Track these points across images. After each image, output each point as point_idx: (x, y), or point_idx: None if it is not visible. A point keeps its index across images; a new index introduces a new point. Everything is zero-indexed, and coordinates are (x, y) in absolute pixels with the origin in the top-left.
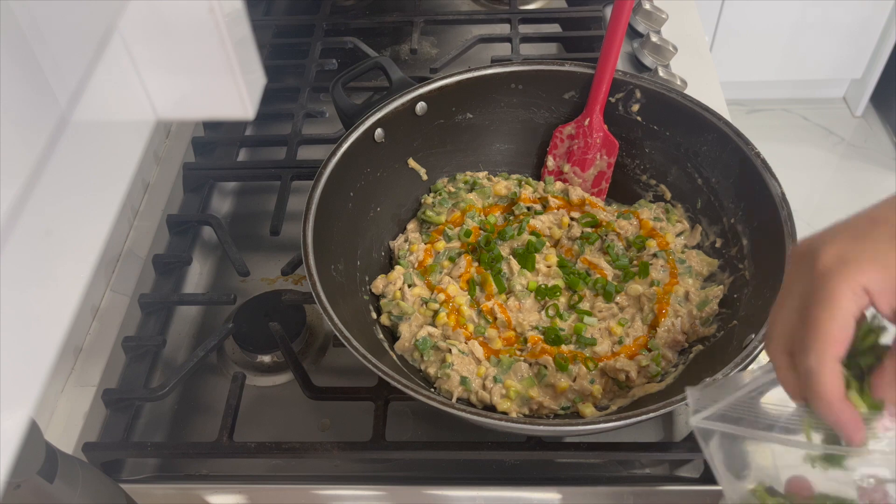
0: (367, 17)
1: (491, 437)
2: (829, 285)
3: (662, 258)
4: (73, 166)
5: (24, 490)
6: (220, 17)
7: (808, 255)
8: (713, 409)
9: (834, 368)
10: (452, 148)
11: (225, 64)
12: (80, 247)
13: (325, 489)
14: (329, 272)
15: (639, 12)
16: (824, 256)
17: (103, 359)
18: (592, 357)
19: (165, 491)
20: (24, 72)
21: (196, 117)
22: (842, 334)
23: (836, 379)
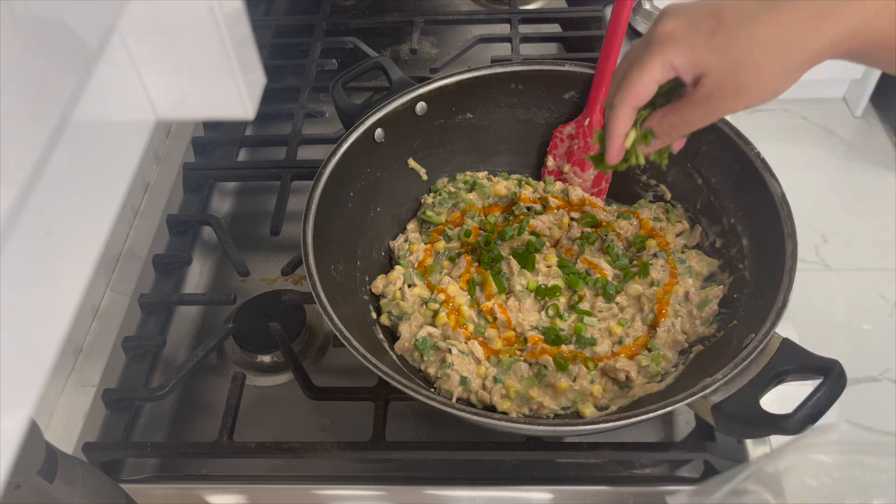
0: (367, 17)
1: (491, 437)
2: (647, 54)
3: (662, 258)
4: (73, 166)
5: (24, 490)
6: (220, 17)
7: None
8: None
9: (626, 112)
10: (452, 148)
11: (225, 64)
12: (80, 247)
13: (325, 489)
14: (329, 272)
15: (639, 12)
16: (661, 29)
17: (103, 359)
18: (592, 357)
19: (165, 491)
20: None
21: (196, 117)
22: (643, 91)
23: (625, 119)
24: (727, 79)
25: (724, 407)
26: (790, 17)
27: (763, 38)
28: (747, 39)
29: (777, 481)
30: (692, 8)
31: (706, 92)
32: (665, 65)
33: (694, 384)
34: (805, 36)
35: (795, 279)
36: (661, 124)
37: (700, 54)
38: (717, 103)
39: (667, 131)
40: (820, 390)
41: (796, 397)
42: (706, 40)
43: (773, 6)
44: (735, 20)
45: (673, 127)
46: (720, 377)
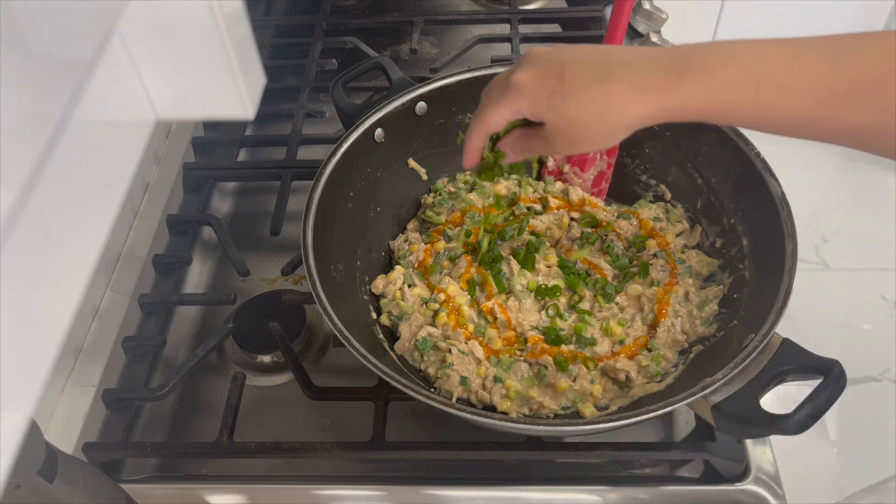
0: (367, 17)
1: (491, 437)
2: (502, 97)
3: (662, 258)
4: (73, 166)
5: (24, 490)
6: (220, 17)
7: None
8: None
9: (479, 135)
10: (452, 148)
11: (225, 64)
12: (80, 247)
13: (325, 489)
14: (329, 272)
15: (639, 12)
16: (516, 78)
17: (103, 359)
18: (592, 357)
19: (165, 491)
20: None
21: (196, 117)
22: (493, 124)
23: (476, 140)
24: (561, 132)
25: (724, 407)
26: (616, 91)
27: (591, 106)
28: (578, 106)
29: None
30: (546, 63)
31: (546, 136)
32: (513, 109)
33: (694, 384)
34: (626, 108)
35: (795, 279)
36: (513, 146)
37: (541, 109)
38: (555, 144)
39: (517, 151)
40: (820, 390)
41: (796, 397)
42: (547, 99)
43: (603, 77)
44: (573, 85)
45: (521, 151)
46: (720, 377)
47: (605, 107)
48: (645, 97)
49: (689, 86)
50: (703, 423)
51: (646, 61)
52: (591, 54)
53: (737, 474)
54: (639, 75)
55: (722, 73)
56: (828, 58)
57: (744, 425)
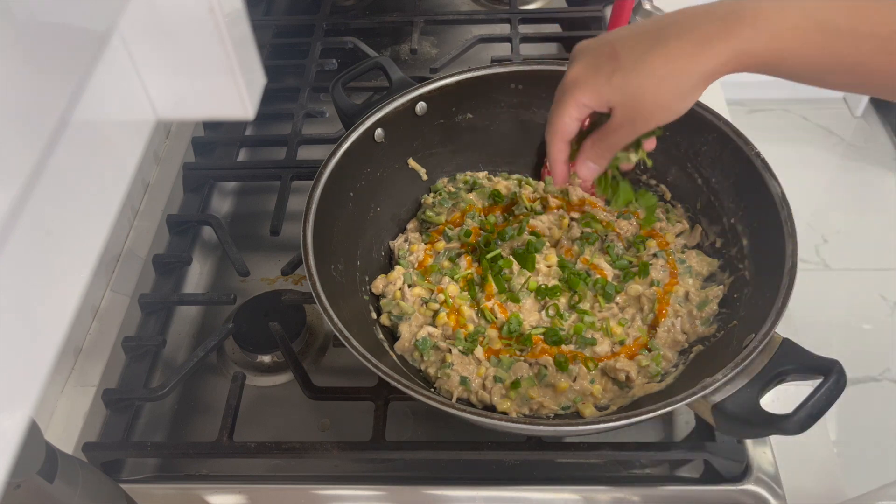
0: (367, 17)
1: (491, 437)
2: (562, 97)
3: (662, 258)
4: (73, 166)
5: (24, 490)
6: (220, 17)
7: (569, 64)
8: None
9: (559, 146)
10: (452, 148)
11: (225, 64)
12: (80, 247)
13: (325, 489)
14: (329, 272)
15: (639, 12)
16: (570, 75)
17: (103, 359)
18: (592, 357)
19: (165, 491)
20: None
21: (196, 117)
22: (566, 128)
23: (559, 151)
24: (632, 109)
25: (724, 407)
26: (674, 52)
27: (654, 73)
28: (641, 76)
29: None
30: (594, 50)
31: (618, 121)
32: (578, 105)
33: (694, 384)
34: (689, 66)
35: (795, 279)
36: (593, 156)
37: (605, 93)
38: (630, 128)
39: (600, 158)
40: (820, 390)
41: (796, 397)
42: (607, 81)
43: (658, 43)
44: (629, 61)
45: (603, 154)
46: (720, 377)
47: (667, 70)
48: (706, 51)
49: (750, 32)
50: (703, 423)
51: (697, 17)
52: (637, 28)
53: (737, 474)
54: (693, 30)
55: (781, 19)
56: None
57: (744, 425)
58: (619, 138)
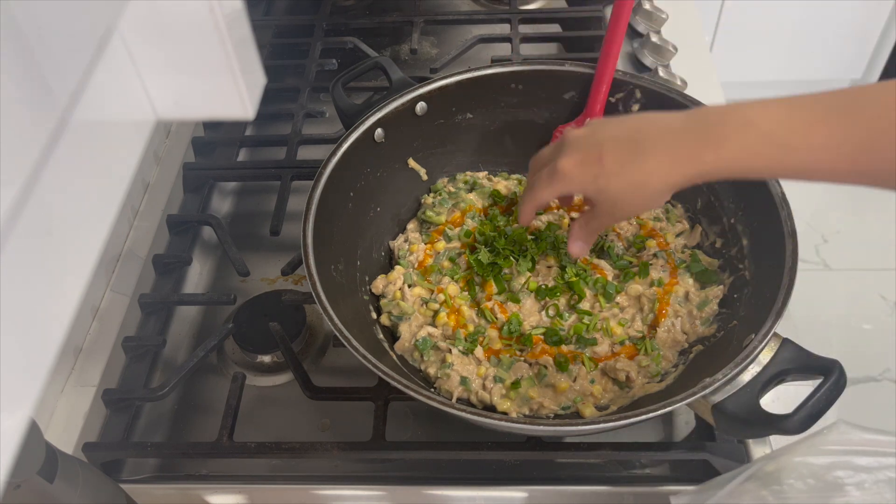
0: (367, 17)
1: (491, 437)
2: (550, 181)
3: (662, 258)
4: (73, 166)
5: (24, 490)
6: (220, 17)
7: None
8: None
9: (530, 209)
10: (452, 148)
11: (225, 64)
12: (80, 247)
13: (325, 489)
14: (329, 272)
15: (639, 12)
16: (561, 166)
17: (103, 359)
18: (592, 357)
19: (165, 491)
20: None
21: (196, 117)
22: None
23: (528, 214)
24: (611, 206)
25: (724, 407)
26: (650, 167)
27: (632, 183)
28: (620, 184)
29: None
30: (585, 146)
31: (598, 211)
32: (561, 192)
33: (694, 384)
34: (661, 180)
35: (796, 279)
36: (582, 233)
37: (589, 191)
38: (609, 218)
39: (588, 237)
40: (820, 390)
41: (796, 397)
42: (593, 182)
43: (638, 155)
44: (612, 168)
45: (589, 234)
46: (720, 377)
47: (643, 180)
48: (676, 168)
49: (714, 155)
50: (703, 423)
51: (671, 134)
52: (622, 132)
53: None
54: (668, 150)
55: (742, 141)
56: (836, 115)
57: (744, 425)
58: (600, 224)
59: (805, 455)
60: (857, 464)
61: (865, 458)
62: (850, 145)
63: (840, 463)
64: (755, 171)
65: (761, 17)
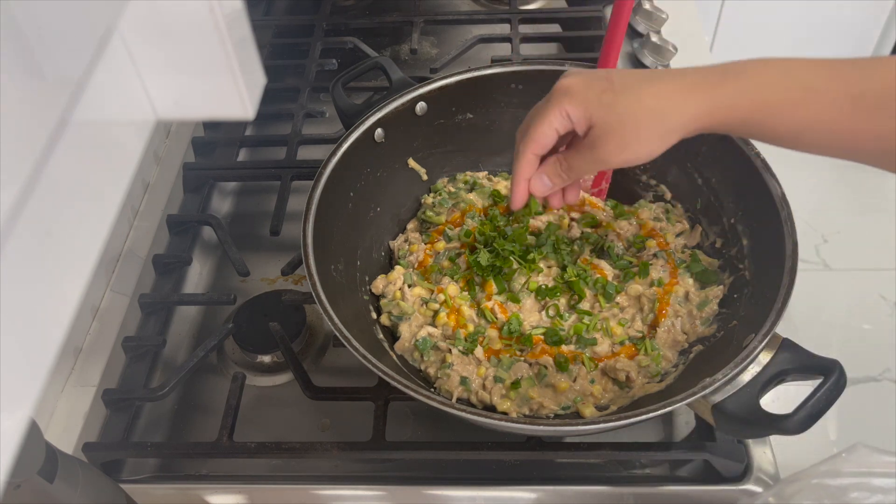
0: (367, 17)
1: (491, 437)
2: (547, 105)
3: (662, 258)
4: (73, 166)
5: (24, 490)
6: (220, 17)
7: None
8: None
9: (529, 158)
10: (452, 148)
11: (225, 64)
12: (80, 247)
13: (325, 489)
14: (329, 272)
15: (639, 12)
16: (560, 85)
17: (103, 359)
18: (592, 357)
19: (165, 491)
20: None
21: (196, 117)
22: (543, 139)
23: (528, 164)
24: (611, 132)
25: (724, 407)
26: (664, 90)
27: (644, 103)
28: (631, 102)
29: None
30: (588, 73)
31: (591, 141)
32: (562, 114)
33: (694, 384)
34: (675, 106)
35: (796, 279)
36: (552, 172)
37: (591, 107)
38: (600, 152)
39: (557, 177)
40: (820, 390)
41: (796, 397)
42: (597, 97)
43: (650, 80)
44: (622, 86)
45: (561, 175)
46: (720, 377)
47: (655, 103)
48: (692, 96)
49: (733, 85)
50: (703, 423)
51: (687, 70)
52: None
53: (737, 474)
54: (684, 77)
55: (762, 75)
56: (855, 69)
57: (744, 425)
58: (585, 163)
59: (823, 477)
60: (873, 485)
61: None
62: (872, 99)
63: (857, 485)
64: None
65: (761, 17)
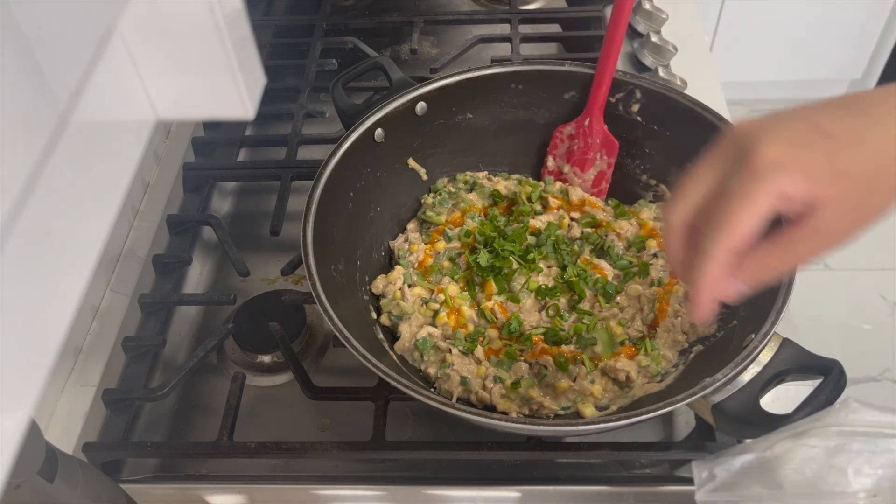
0: (367, 17)
1: (491, 437)
2: (756, 185)
3: (662, 258)
4: (73, 166)
5: (24, 490)
6: (220, 17)
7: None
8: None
9: (726, 256)
10: (452, 148)
11: (225, 64)
12: (80, 247)
13: (325, 489)
14: (329, 272)
15: (639, 12)
16: (763, 155)
17: (103, 359)
18: (592, 357)
19: (165, 491)
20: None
21: (196, 117)
22: (748, 230)
23: (724, 266)
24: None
25: (724, 407)
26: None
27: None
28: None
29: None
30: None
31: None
32: (778, 195)
33: (694, 384)
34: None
35: (795, 279)
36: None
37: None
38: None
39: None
40: (820, 390)
41: (796, 397)
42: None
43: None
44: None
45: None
46: (720, 377)
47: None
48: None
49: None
50: (703, 423)
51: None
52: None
53: None
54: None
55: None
56: None
57: (744, 425)
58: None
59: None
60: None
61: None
62: None
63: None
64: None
65: (761, 17)
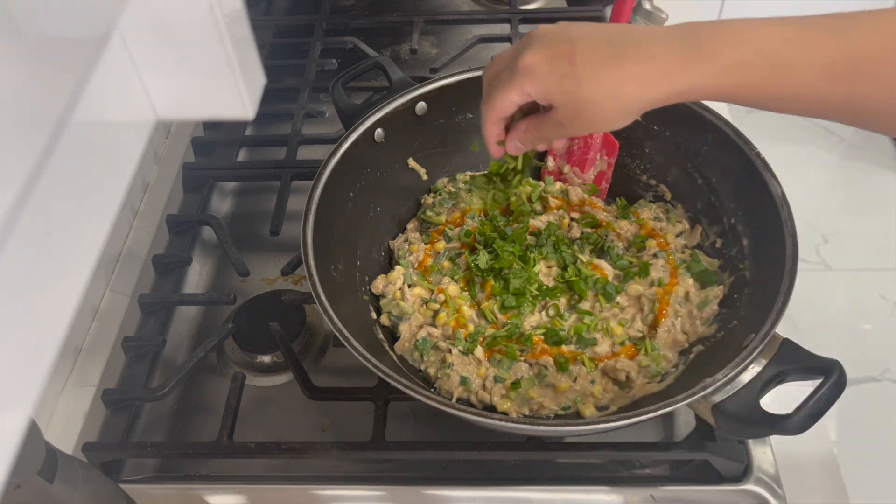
0: (367, 17)
1: (491, 437)
2: (510, 81)
3: (662, 258)
4: (73, 166)
5: (24, 490)
6: (220, 17)
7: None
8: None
9: (493, 124)
10: (452, 148)
11: (225, 64)
12: (80, 247)
13: (325, 489)
14: (329, 272)
15: (639, 12)
16: (522, 60)
17: (103, 359)
18: (592, 357)
19: (165, 491)
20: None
21: (196, 117)
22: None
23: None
24: (574, 115)
25: (724, 407)
26: (629, 74)
27: (605, 89)
28: (591, 89)
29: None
30: (554, 44)
31: (555, 119)
32: (522, 92)
33: (694, 384)
34: (639, 91)
35: (796, 279)
36: (522, 137)
37: (552, 91)
38: (565, 129)
39: (527, 141)
40: (820, 390)
41: (796, 397)
42: (558, 82)
43: (616, 60)
44: (584, 68)
45: (531, 139)
46: (720, 377)
47: (618, 90)
48: (658, 81)
49: (702, 69)
50: (703, 423)
51: (656, 43)
52: (599, 32)
53: (737, 474)
54: (651, 58)
55: (732, 55)
56: (829, 33)
57: (744, 425)
58: (553, 132)
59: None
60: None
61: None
62: (845, 65)
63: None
64: (745, 91)
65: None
